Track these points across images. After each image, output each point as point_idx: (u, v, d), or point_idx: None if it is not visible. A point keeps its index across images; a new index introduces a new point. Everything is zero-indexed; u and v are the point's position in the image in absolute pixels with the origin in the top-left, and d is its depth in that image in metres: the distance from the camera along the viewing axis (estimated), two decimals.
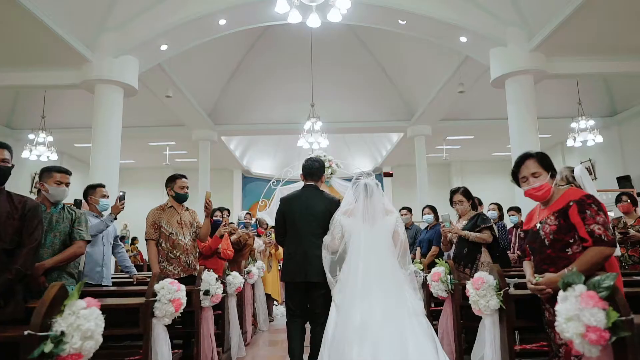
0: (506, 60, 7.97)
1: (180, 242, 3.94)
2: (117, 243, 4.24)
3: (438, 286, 3.40)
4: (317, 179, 3.50)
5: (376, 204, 3.06)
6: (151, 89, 9.79)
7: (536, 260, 2.41)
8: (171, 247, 3.91)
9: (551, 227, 2.32)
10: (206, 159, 13.00)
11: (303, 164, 3.55)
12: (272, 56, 11.77)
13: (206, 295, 3.39)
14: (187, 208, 4.15)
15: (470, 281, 2.61)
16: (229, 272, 4.31)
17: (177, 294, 2.57)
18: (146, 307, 2.52)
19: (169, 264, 3.90)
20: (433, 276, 3.46)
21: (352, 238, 2.98)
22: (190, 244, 4.01)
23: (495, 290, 2.52)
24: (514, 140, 8.03)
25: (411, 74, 11.62)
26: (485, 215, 4.25)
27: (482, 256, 4.13)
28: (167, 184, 4.08)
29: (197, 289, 3.40)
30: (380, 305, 2.64)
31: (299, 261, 3.28)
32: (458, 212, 4.34)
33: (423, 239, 5.59)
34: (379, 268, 2.83)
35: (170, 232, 3.93)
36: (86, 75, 7.88)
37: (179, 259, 3.91)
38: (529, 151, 2.47)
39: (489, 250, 4.16)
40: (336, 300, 2.87)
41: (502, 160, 16.43)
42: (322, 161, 3.66)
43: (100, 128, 7.90)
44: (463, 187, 4.38)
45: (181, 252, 3.92)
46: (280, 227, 3.50)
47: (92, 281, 3.88)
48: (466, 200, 4.29)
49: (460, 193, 4.32)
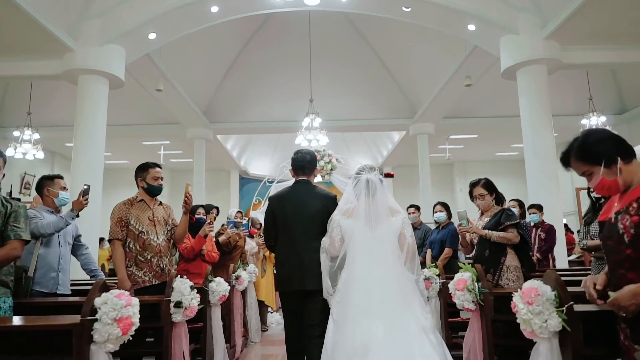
0: (518, 49, 7.30)
1: (152, 242, 3.25)
2: (79, 243, 3.55)
3: (464, 296, 2.71)
4: (309, 173, 3.05)
5: (380, 203, 2.63)
6: (140, 82, 9.10)
7: (611, 263, 1.73)
8: (141, 248, 3.21)
9: (632, 218, 1.64)
10: (201, 158, 12.31)
11: (292, 157, 3.09)
12: (269, 51, 11.09)
13: (178, 308, 2.69)
14: (160, 202, 3.46)
15: (519, 293, 1.92)
16: (212, 278, 3.62)
17: (125, 310, 1.86)
18: (81, 329, 1.82)
19: (138, 269, 3.20)
20: (457, 284, 2.77)
21: (352, 242, 2.57)
22: (164, 245, 3.32)
23: (554, 306, 1.82)
24: (527, 134, 7.35)
25: (414, 69, 10.94)
26: (511, 211, 3.55)
27: (507, 259, 3.43)
28: (137, 174, 3.39)
29: (167, 300, 2.70)
30: (384, 321, 2.28)
31: (294, 267, 2.82)
32: (480, 208, 3.65)
33: (434, 239, 4.89)
34: (383, 278, 2.44)
35: (141, 230, 3.23)
36: (69, 65, 7.21)
37: (151, 263, 3.22)
38: (569, 148, 1.84)
39: (516, 253, 3.47)
40: (334, 314, 2.48)
41: (506, 160, 15.80)
42: (313, 153, 3.17)
43: (83, 122, 7.23)
44: (485, 178, 3.69)
45: (153, 254, 3.23)
46: (271, 229, 3.01)
47: (44, 289, 3.19)
48: (488, 193, 3.60)
49: (481, 186, 3.63)
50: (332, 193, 3.03)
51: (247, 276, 4.57)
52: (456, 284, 2.76)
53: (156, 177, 3.37)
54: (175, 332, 2.76)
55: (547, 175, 7.03)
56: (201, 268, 3.88)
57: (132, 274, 3.18)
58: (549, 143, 7.17)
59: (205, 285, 3.56)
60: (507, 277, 3.41)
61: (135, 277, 3.18)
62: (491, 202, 3.59)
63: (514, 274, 3.41)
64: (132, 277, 3.18)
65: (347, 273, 2.52)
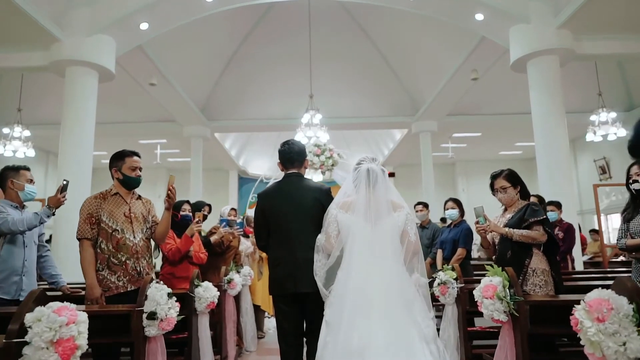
0: (529, 39, 6.83)
1: (128, 241, 2.78)
2: (42, 244, 3.08)
3: (493, 305, 2.23)
4: (299, 165, 2.80)
5: (381, 196, 2.40)
6: (133, 76, 8.63)
7: None
8: (114, 248, 2.74)
9: None
10: (199, 157, 11.83)
11: (279, 149, 2.83)
12: (269, 47, 10.62)
13: (151, 320, 2.23)
14: (139, 196, 3.00)
15: (583, 305, 1.45)
16: (198, 283, 3.15)
17: (66, 330, 1.39)
18: (8, 352, 1.35)
19: (110, 273, 2.73)
20: (485, 290, 2.30)
21: (350, 239, 2.33)
22: (142, 245, 2.85)
23: (634, 324, 1.35)
24: (538, 128, 6.87)
25: (416, 64, 10.46)
26: (538, 206, 3.07)
27: (532, 261, 2.97)
28: (111, 164, 2.92)
29: (139, 310, 2.24)
30: (384, 327, 2.06)
31: (288, 268, 2.59)
32: (502, 203, 3.19)
33: (446, 239, 4.41)
34: (383, 278, 2.21)
35: (115, 228, 2.76)
36: (56, 56, 6.74)
37: (126, 266, 2.75)
38: None
39: (544, 254, 3.01)
40: (327, 315, 2.27)
41: (510, 160, 15.34)
42: (302, 143, 2.90)
43: (71, 116, 6.74)
44: (508, 169, 3.23)
45: (129, 255, 2.76)
46: (262, 228, 2.76)
47: (6, 295, 2.77)
48: (511, 186, 3.13)
49: (503, 177, 3.17)
50: (325, 185, 2.80)
51: (240, 279, 4.09)
52: (484, 291, 2.29)
53: (134, 166, 2.91)
54: (149, 348, 2.29)
55: (561, 171, 6.56)
56: (189, 271, 3.41)
57: (104, 279, 2.71)
58: (561, 137, 6.70)
59: (191, 290, 3.09)
60: (532, 281, 2.95)
61: (108, 283, 2.71)
62: (515, 195, 3.13)
63: (540, 278, 2.95)
64: (103, 282, 2.71)
65: (343, 272, 2.29)
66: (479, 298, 2.33)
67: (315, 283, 2.41)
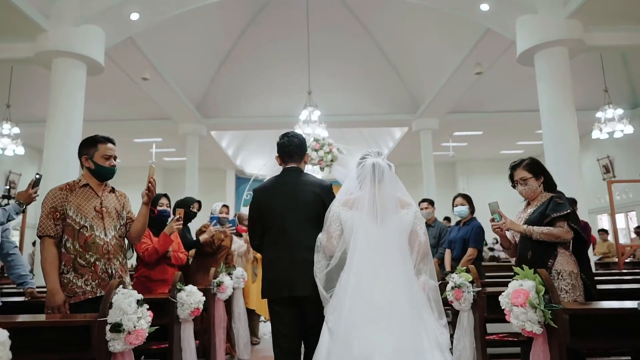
0: (536, 29, 6.47)
1: (98, 240, 2.39)
2: (7, 240, 2.71)
3: (525, 315, 1.85)
4: (298, 159, 2.58)
5: (387, 193, 2.20)
6: (124, 69, 8.25)
7: None
8: (82, 248, 2.35)
9: None
10: (194, 156, 11.44)
11: (277, 142, 2.60)
12: (266, 43, 10.24)
13: (116, 333, 1.84)
14: (113, 189, 2.61)
15: None
16: (181, 286, 2.76)
17: None
18: None
19: (77, 276, 2.33)
20: (514, 297, 1.91)
21: (354, 239, 2.13)
22: (115, 244, 2.46)
23: None
24: (546, 123, 6.50)
25: (417, 60, 10.09)
26: (562, 198, 2.66)
27: (557, 262, 2.58)
28: (81, 151, 2.54)
29: (101, 321, 1.85)
30: (392, 334, 1.90)
31: (284, 269, 2.36)
32: (523, 197, 2.81)
33: (455, 238, 4.02)
34: (390, 281, 2.04)
35: (83, 224, 2.37)
36: (42, 47, 6.37)
37: (95, 268, 2.36)
38: None
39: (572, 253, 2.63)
40: (329, 322, 2.10)
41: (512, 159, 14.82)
42: (302, 136, 2.66)
43: (58, 110, 6.36)
44: (529, 158, 2.85)
45: (99, 255, 2.37)
46: (256, 226, 2.53)
47: None
48: (533, 177, 2.74)
49: (523, 167, 2.78)
50: (326, 181, 2.58)
51: (231, 282, 3.70)
52: (513, 297, 1.90)
53: (108, 155, 2.52)
54: None
55: (571, 168, 6.19)
56: (167, 273, 3.03)
57: (69, 283, 2.32)
58: (571, 132, 6.33)
59: (173, 295, 2.71)
60: (557, 285, 2.56)
61: (73, 287, 2.32)
62: (537, 187, 2.74)
63: (567, 281, 2.57)
64: (68, 286, 2.32)
65: (346, 275, 2.10)
66: (506, 305, 1.95)
67: (313, 286, 2.22)
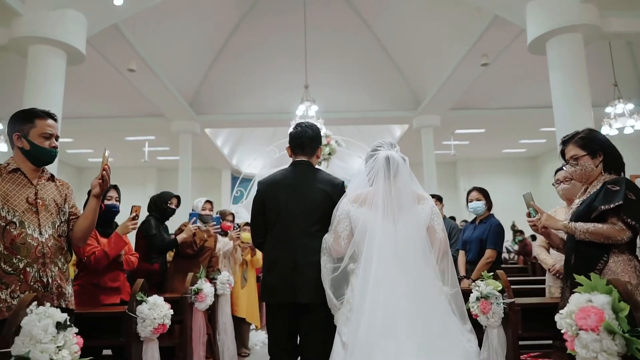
0: (549, 15, 5.93)
1: (30, 239, 1.84)
2: None
3: (600, 344, 1.29)
4: (310, 152, 2.35)
5: (404, 187, 1.99)
6: (108, 59, 7.68)
7: None
8: (8, 250, 1.80)
9: None
10: (187, 154, 10.86)
11: (290, 132, 2.39)
12: (262, 36, 9.72)
13: None
14: (52, 176, 2.06)
15: None
16: (142, 297, 2.21)
17: None
18: None
19: (0, 287, 1.78)
20: (580, 317, 1.35)
21: (369, 240, 1.92)
22: (52, 245, 1.91)
23: None
24: (560, 115, 5.96)
25: (419, 54, 9.57)
26: (616, 185, 1.98)
27: (607, 269, 1.97)
28: (13, 128, 1.98)
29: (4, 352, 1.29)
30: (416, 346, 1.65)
31: (285, 272, 2.17)
32: (576, 180, 2.25)
33: (470, 238, 3.47)
34: (410, 286, 1.80)
35: (9, 219, 1.82)
36: (16, 33, 5.80)
37: (25, 275, 1.81)
38: None
39: (631, 256, 2.03)
40: (343, 335, 1.84)
41: (514, 158, 14.51)
42: (317, 128, 2.41)
43: (34, 100, 5.74)
44: (585, 129, 2.23)
45: (30, 260, 1.82)
46: (259, 222, 2.32)
47: None
48: (588, 154, 2.06)
49: (574, 142, 2.10)
50: (339, 178, 2.34)
51: (211, 290, 3.14)
52: (579, 318, 1.34)
53: (47, 133, 1.97)
54: None
55: None
56: (119, 280, 2.47)
57: None
58: (587, 124, 5.77)
59: (131, 309, 2.15)
60: None
61: None
62: (594, 169, 2.07)
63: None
64: None
65: (360, 280, 1.91)
66: (567, 328, 1.39)
67: (318, 293, 2.05)
